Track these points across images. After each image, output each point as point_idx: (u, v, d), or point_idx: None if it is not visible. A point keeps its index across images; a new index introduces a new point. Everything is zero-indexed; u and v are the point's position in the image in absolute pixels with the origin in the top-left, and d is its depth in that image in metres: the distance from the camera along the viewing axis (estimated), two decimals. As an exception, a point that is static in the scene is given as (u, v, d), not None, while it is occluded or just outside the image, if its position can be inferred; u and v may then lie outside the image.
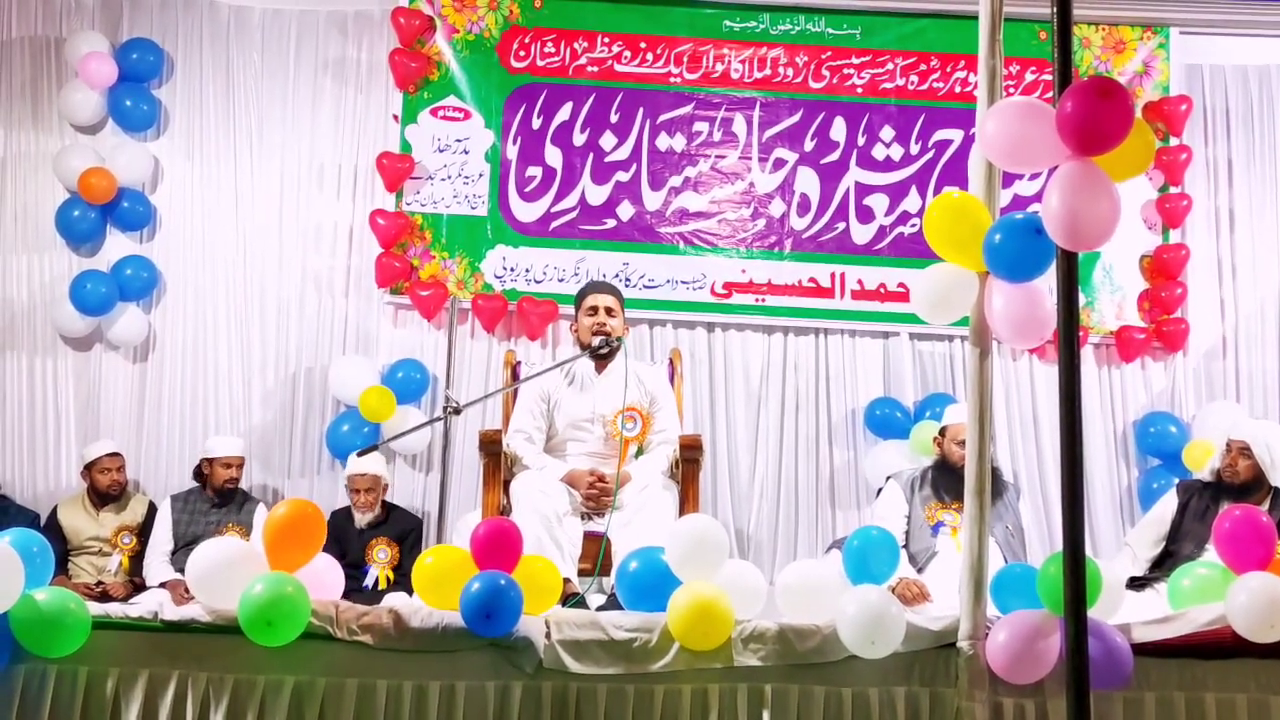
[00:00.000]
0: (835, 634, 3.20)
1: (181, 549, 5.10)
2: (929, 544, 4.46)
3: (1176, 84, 6.02)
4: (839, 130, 5.98)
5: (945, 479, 4.54)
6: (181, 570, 4.62)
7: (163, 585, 5.06)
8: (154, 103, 5.97)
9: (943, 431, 4.70)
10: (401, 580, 5.01)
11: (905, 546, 4.45)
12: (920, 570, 4.39)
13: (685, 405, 5.18)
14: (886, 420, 5.70)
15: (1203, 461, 4.87)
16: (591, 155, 5.92)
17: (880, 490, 4.92)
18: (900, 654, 3.20)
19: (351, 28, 6.05)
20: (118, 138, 5.95)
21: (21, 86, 6.00)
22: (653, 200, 5.93)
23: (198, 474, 5.41)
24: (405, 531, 5.28)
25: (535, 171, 5.92)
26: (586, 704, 3.20)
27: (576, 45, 5.97)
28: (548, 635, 3.23)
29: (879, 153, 5.98)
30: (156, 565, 5.19)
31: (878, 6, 6.01)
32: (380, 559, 5.11)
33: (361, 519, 5.22)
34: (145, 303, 5.91)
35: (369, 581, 5.04)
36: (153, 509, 5.41)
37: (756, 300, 5.88)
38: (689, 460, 4.50)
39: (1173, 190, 5.97)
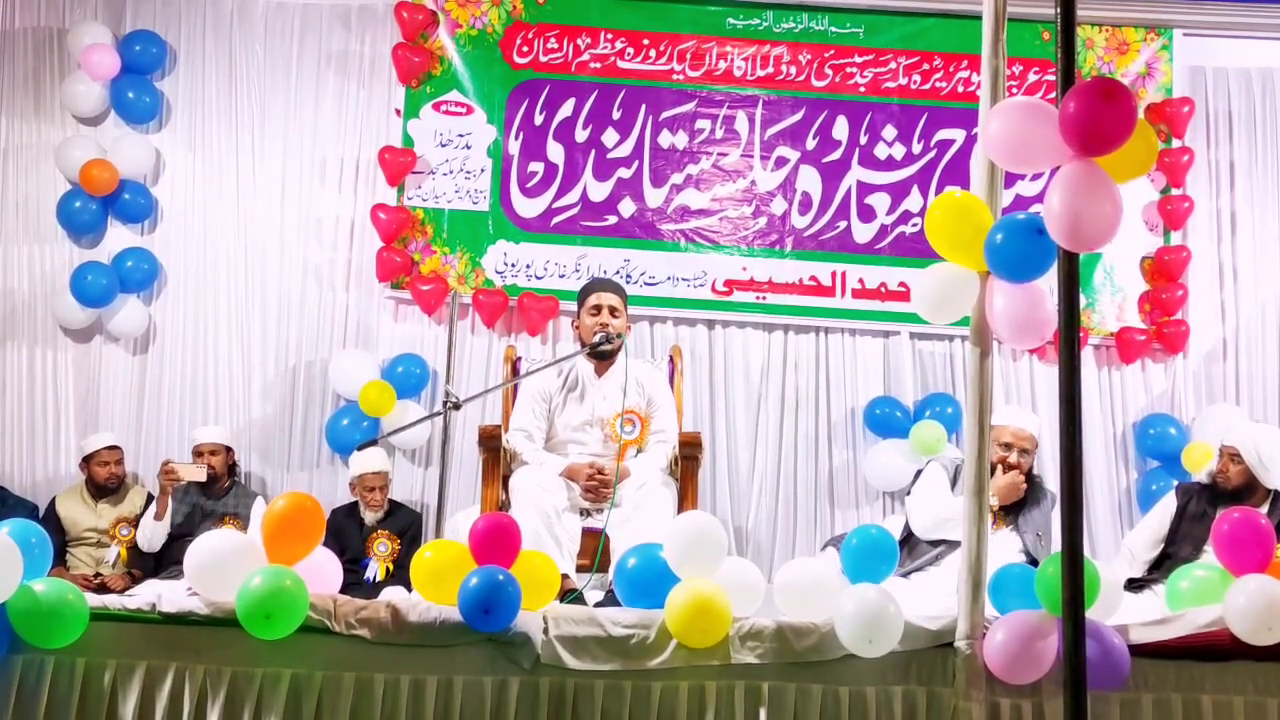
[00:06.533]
0: (833, 632, 3.19)
1: (177, 540, 5.09)
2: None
3: (1179, 86, 6.02)
4: (841, 129, 5.98)
5: None
6: (178, 562, 4.64)
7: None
8: (156, 95, 5.97)
9: None
10: (400, 573, 5.01)
11: None
12: (935, 562, 4.37)
13: (685, 402, 5.17)
14: (886, 419, 5.70)
15: (1202, 464, 4.87)
16: (593, 151, 5.92)
17: (919, 472, 4.78)
18: (898, 653, 3.19)
19: (355, 21, 6.05)
20: (119, 129, 5.95)
21: (24, 77, 6.00)
22: (654, 197, 5.92)
23: None
24: (406, 526, 5.29)
25: (537, 167, 5.91)
26: (583, 700, 3.19)
27: (579, 41, 5.97)
28: (545, 631, 3.23)
29: (881, 152, 5.98)
30: (154, 533, 5.20)
31: (881, 5, 6.00)
32: (381, 552, 5.13)
33: (372, 517, 5.23)
34: (145, 295, 5.90)
35: (369, 575, 5.07)
36: (150, 500, 5.41)
37: (757, 298, 5.88)
38: (688, 457, 4.49)
39: (1174, 192, 5.97)
